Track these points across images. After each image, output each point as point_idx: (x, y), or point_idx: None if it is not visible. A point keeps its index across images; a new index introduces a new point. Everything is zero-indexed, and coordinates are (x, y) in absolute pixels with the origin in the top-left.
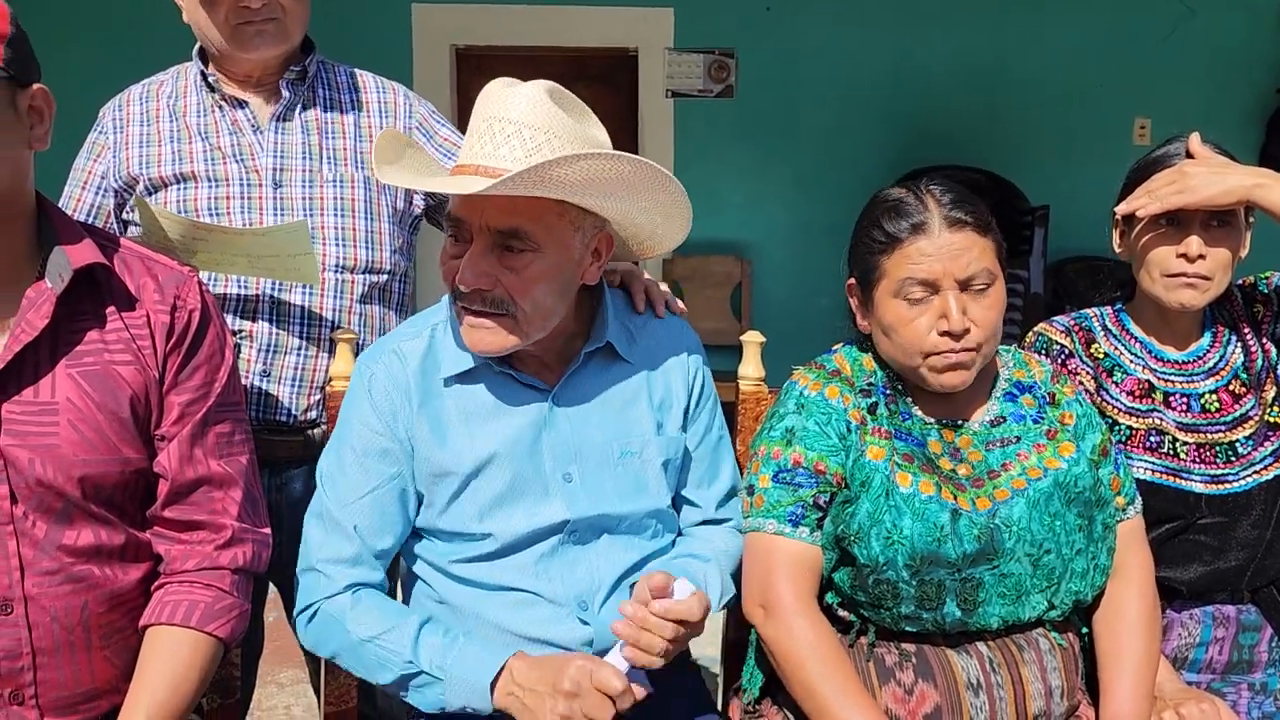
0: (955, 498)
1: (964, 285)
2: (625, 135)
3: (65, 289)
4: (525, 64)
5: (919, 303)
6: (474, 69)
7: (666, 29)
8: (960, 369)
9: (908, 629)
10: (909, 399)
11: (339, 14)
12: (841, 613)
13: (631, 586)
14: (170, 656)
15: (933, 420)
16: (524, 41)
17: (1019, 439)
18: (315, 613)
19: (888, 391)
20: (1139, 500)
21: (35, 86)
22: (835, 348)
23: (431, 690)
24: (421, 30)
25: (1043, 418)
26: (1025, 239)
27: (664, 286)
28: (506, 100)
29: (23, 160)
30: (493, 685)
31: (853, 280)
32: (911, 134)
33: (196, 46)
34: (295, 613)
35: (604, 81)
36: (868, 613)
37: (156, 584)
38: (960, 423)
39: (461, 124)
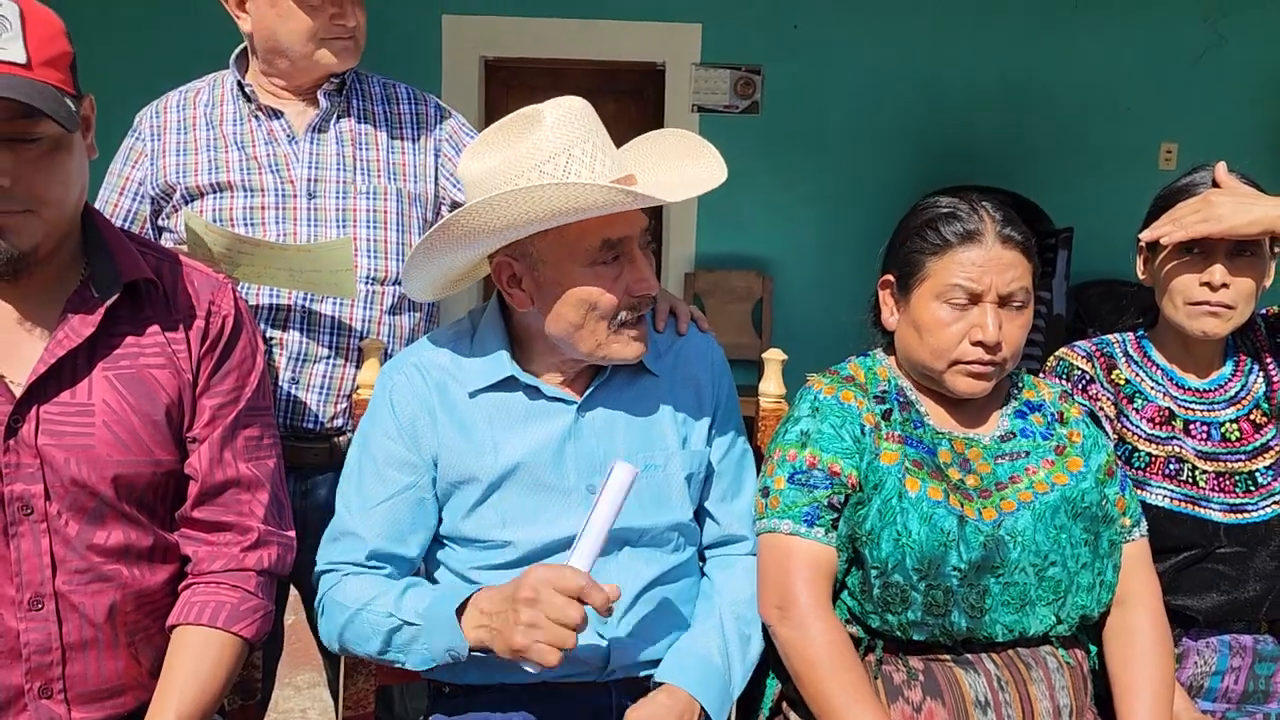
0: (962, 506)
1: (1003, 301)
2: None
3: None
4: (553, 76)
5: (958, 309)
6: (503, 80)
7: (694, 44)
8: (983, 379)
9: (915, 637)
10: (922, 408)
11: (371, 23)
12: (850, 629)
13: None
14: (198, 656)
15: (944, 430)
16: (552, 54)
17: (1028, 454)
18: (324, 604)
19: (901, 400)
20: (1144, 523)
21: (87, 97)
22: (850, 358)
23: (416, 643)
24: (451, 41)
25: (1051, 434)
26: (1048, 260)
27: (693, 309)
28: (575, 118)
29: (85, 173)
30: (464, 623)
31: (889, 277)
32: (936, 153)
33: (233, 55)
34: (315, 604)
35: (631, 95)
36: (875, 621)
37: (184, 584)
38: (972, 434)
39: None
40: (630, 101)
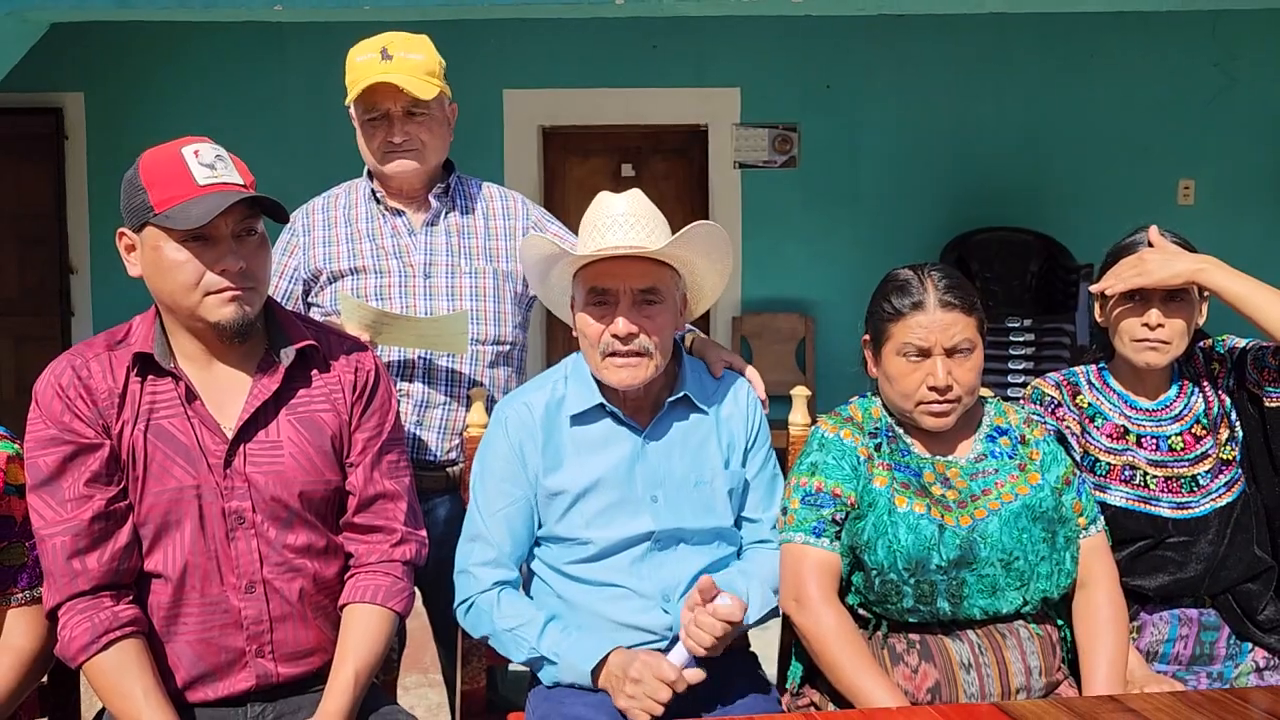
0: (942, 516)
1: (950, 352)
2: (697, 203)
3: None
4: (605, 140)
5: (914, 362)
6: (559, 146)
7: (734, 106)
8: (943, 415)
9: (910, 620)
10: (908, 440)
11: None
12: (861, 612)
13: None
14: (365, 626)
15: (928, 455)
16: (604, 121)
17: (996, 471)
18: (471, 605)
19: (890, 434)
20: (1101, 520)
21: None
22: (852, 399)
23: (550, 669)
24: (512, 113)
25: (1015, 454)
26: (1071, 295)
27: (743, 362)
28: (625, 202)
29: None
30: (596, 671)
31: (868, 336)
32: (964, 199)
33: (366, 169)
34: (455, 605)
35: (677, 154)
36: (878, 609)
37: (349, 574)
38: (950, 458)
39: (546, 195)
40: (677, 160)
